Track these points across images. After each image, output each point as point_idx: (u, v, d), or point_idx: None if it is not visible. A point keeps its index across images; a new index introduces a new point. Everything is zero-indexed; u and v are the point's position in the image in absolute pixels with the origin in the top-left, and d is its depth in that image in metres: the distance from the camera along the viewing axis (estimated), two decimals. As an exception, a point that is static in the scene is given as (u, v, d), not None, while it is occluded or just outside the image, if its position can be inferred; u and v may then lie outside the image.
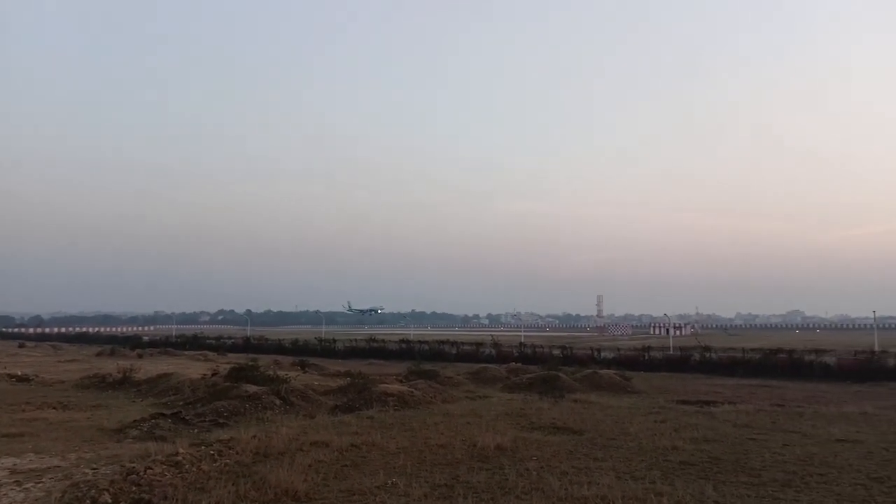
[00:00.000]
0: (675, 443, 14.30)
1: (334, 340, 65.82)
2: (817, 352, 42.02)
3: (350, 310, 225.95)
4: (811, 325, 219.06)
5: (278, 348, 65.21)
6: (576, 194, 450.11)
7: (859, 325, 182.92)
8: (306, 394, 21.92)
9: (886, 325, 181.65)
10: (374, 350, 58.94)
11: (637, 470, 11.78)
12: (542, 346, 53.63)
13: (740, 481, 10.97)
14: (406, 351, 56.04)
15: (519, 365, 39.41)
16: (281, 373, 24.99)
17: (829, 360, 40.18)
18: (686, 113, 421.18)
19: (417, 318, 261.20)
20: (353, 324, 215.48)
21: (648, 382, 33.07)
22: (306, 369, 36.68)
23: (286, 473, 10.65)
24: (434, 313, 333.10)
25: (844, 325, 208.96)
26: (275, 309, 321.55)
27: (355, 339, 66.33)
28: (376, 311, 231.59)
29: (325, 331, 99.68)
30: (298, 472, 11.04)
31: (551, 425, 16.75)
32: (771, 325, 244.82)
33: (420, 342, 61.05)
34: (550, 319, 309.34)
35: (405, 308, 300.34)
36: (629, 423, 17.33)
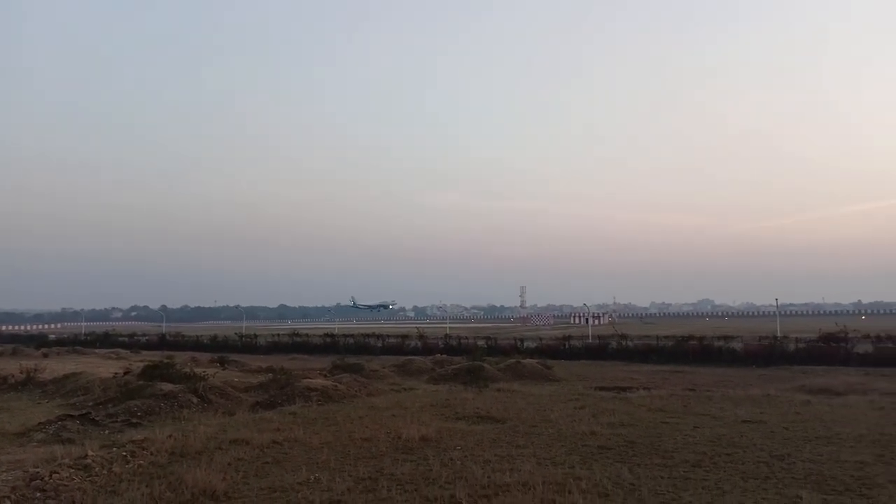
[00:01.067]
0: (594, 428, 14.77)
1: (255, 336, 64.21)
2: (725, 338, 44.28)
3: (356, 305, 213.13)
4: (720, 313, 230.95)
5: (196, 345, 63.06)
6: (499, 187, 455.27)
7: (763, 312, 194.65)
8: (225, 391, 21.30)
9: (787, 312, 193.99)
10: (297, 345, 57.90)
11: (557, 455, 12.08)
12: (467, 338, 54.15)
13: (654, 463, 11.44)
14: (331, 345, 55.33)
15: (444, 356, 39.63)
16: (199, 370, 24.12)
17: (736, 345, 42.44)
18: (609, 107, 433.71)
19: (342, 311, 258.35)
20: (308, 318, 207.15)
21: (569, 370, 33.97)
22: (226, 366, 35.60)
23: (204, 473, 10.31)
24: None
25: (750, 313, 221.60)
26: (192, 304, 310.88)
27: (278, 334, 64.96)
28: (386, 307, 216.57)
29: (245, 326, 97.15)
30: (217, 470, 10.72)
31: (475, 415, 16.95)
32: (683, 313, 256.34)
33: (345, 336, 60.38)
34: (475, 311, 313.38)
35: (329, 302, 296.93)
36: (550, 410, 17.76)
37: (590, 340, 49.24)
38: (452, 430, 14.63)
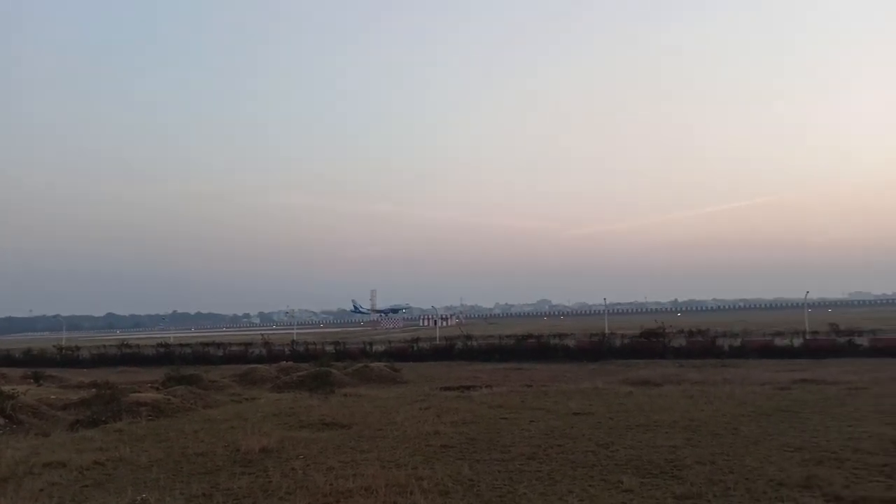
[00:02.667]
0: (438, 428, 15.07)
1: (77, 348, 58.52)
2: (560, 336, 47.15)
3: (358, 310, 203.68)
4: (556, 313, 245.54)
5: (6, 359, 56.30)
6: (348, 188, 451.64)
7: (594, 311, 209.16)
8: (39, 409, 19.27)
9: (615, 311, 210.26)
10: (126, 357, 53.54)
11: (401, 457, 12.18)
12: (315, 343, 53.10)
13: (493, 458, 11.89)
14: (165, 356, 51.75)
15: (290, 363, 38.55)
16: (7, 387, 21.57)
17: (570, 342, 45.33)
18: (453, 112, 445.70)
19: (179, 319, 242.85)
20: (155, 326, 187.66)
21: (417, 372, 34.42)
22: (41, 382, 32.17)
23: (10, 502, 9.22)
24: (199, 314, 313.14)
25: (583, 312, 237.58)
26: (1, 314, 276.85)
27: (104, 346, 59.68)
28: (400, 311, 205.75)
29: (66, 337, 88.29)
30: (27, 499, 9.65)
31: (320, 422, 16.65)
32: (524, 313, 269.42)
33: (181, 345, 56.82)
34: (325, 316, 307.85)
35: (164, 309, 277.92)
36: (396, 412, 17.88)
37: (437, 342, 50.21)
38: (296, 439, 14.26)
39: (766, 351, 40.09)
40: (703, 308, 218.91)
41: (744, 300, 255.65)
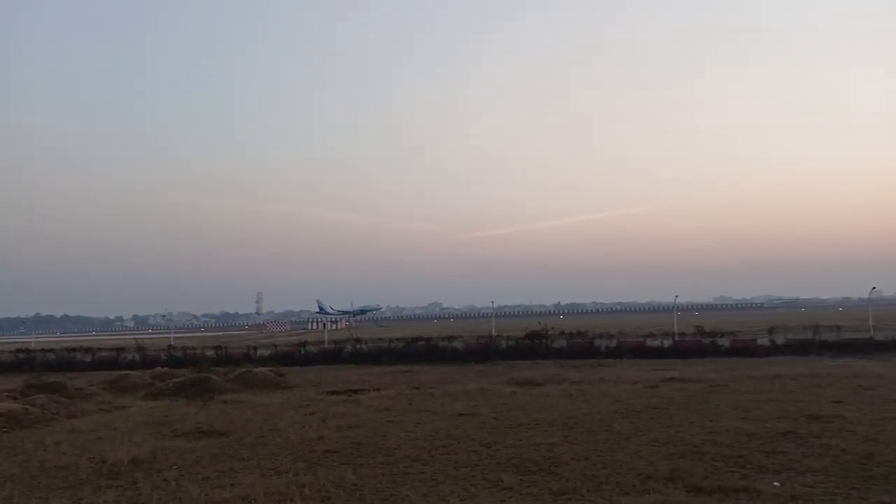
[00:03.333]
0: (322, 433, 14.83)
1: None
2: (449, 338, 47.80)
3: (323, 311, 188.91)
4: (446, 315, 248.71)
5: None
6: (233, 188, 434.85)
7: (483, 313, 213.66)
8: None
9: (502, 313, 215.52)
10: (-22, 363, 48.81)
11: (282, 465, 11.88)
12: (194, 348, 50.70)
13: (377, 462, 11.84)
14: (25, 361, 47.64)
15: (166, 369, 36.59)
16: None
17: (458, 344, 46.06)
18: (350, 118, 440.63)
19: (43, 322, 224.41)
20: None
21: (304, 376, 33.68)
22: None
23: None
24: (66, 317, 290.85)
25: (472, 314, 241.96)
26: None
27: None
28: (370, 312, 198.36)
29: None
30: None
31: (197, 430, 15.92)
32: (415, 315, 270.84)
33: (44, 350, 52.54)
34: (206, 319, 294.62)
35: (26, 312, 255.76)
36: (279, 419, 17.42)
37: (326, 345, 49.43)
38: (169, 449, 13.55)
39: (640, 351, 42.52)
40: (584, 311, 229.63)
41: (620, 303, 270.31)
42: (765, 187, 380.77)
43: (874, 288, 66.15)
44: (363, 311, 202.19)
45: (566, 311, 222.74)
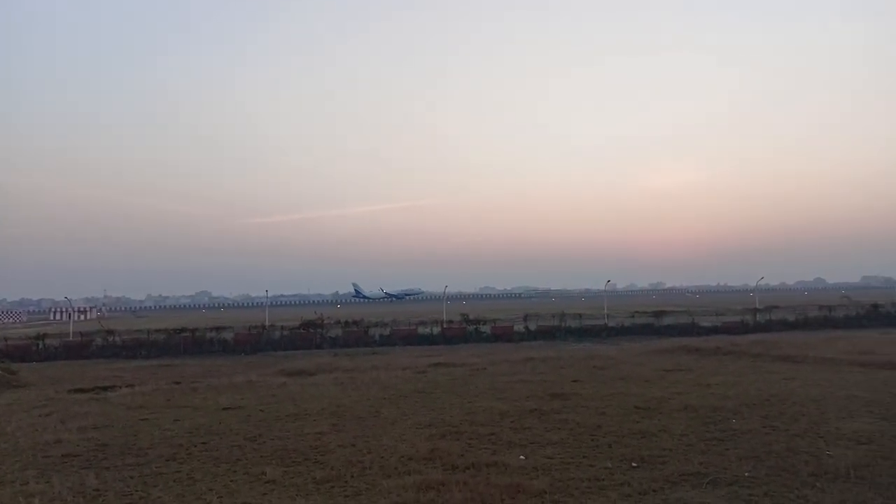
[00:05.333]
0: (60, 436, 13.20)
1: None
2: (218, 329, 45.45)
3: (360, 294, 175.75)
4: (217, 305, 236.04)
5: None
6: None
7: (258, 303, 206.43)
8: None
9: (279, 303, 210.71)
10: None
11: (8, 473, 10.37)
12: None
13: (126, 464, 10.84)
14: None
15: None
16: None
17: (228, 335, 43.99)
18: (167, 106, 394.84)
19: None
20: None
21: (41, 374, 29.74)
22: None
23: None
24: None
25: (246, 304, 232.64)
26: None
27: None
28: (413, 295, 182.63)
29: None
30: None
31: None
32: (181, 305, 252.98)
33: None
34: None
35: None
36: (6, 422, 15.19)
37: (70, 338, 44.12)
38: None
39: (411, 338, 44.27)
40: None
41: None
42: (520, 189, 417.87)
43: (609, 281, 76.80)
44: (406, 295, 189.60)
45: (344, 300, 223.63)
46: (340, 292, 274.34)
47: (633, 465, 10.00)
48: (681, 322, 51.37)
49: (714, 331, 47.21)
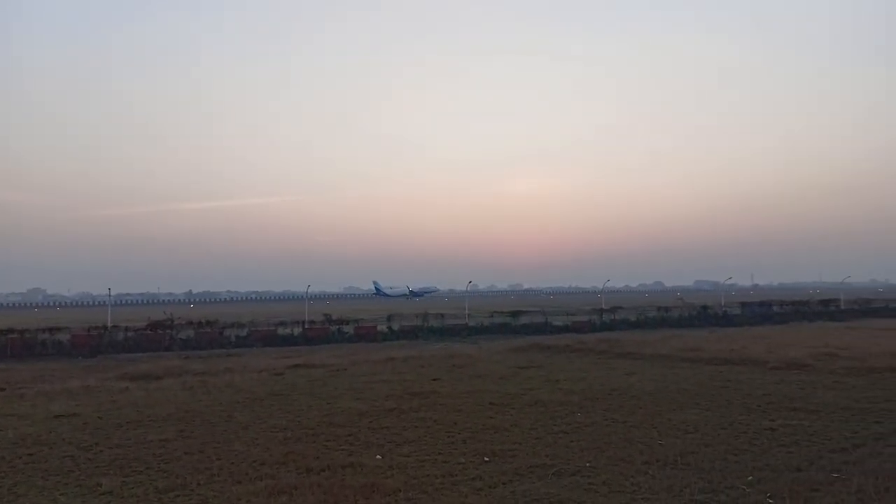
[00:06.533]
0: None
1: None
2: (52, 330, 41.50)
3: (380, 292, 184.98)
4: (52, 303, 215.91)
5: None
6: None
7: (100, 301, 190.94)
8: None
9: (124, 302, 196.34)
10: None
11: None
12: None
13: (-68, 482, 9.61)
14: None
15: None
16: None
17: (64, 337, 40.31)
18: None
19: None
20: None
21: None
22: None
23: None
24: None
25: (86, 303, 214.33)
26: None
27: None
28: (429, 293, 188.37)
29: None
30: None
31: None
32: (10, 303, 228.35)
33: None
34: None
35: None
36: None
37: None
38: None
39: (270, 339, 42.97)
40: (218, 299, 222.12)
41: (255, 292, 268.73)
42: (387, 192, 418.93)
43: (470, 282, 79.39)
44: (425, 292, 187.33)
45: (198, 299, 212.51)
46: (195, 291, 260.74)
47: (486, 459, 10.35)
48: (536, 321, 53.88)
49: (565, 329, 49.95)
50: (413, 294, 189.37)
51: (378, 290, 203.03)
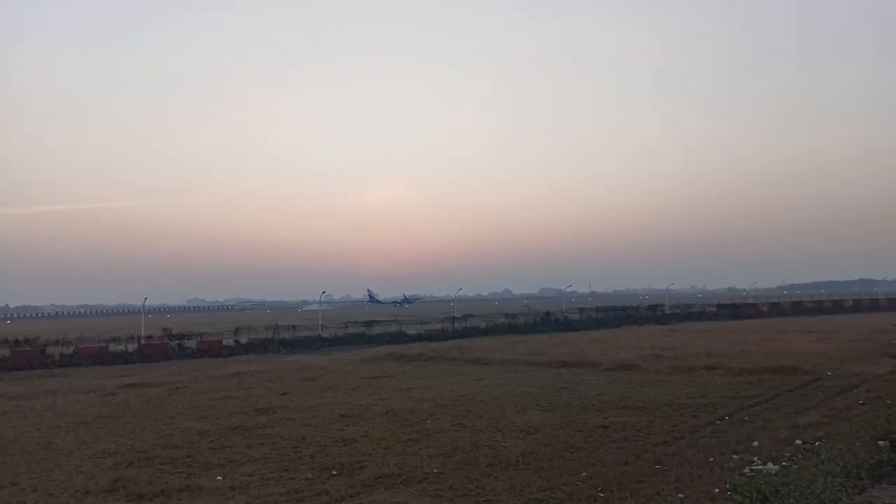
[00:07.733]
0: None
1: None
2: None
3: (374, 299, 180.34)
4: None
5: None
6: None
7: None
8: None
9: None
10: None
11: None
12: None
13: None
14: None
15: None
16: None
17: None
18: None
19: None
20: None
21: None
22: None
23: None
24: None
25: None
26: None
27: None
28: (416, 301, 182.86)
29: None
30: None
31: None
32: None
33: None
34: None
35: None
36: None
37: None
38: None
39: (101, 357, 39.48)
40: (40, 314, 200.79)
41: (85, 305, 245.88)
42: (237, 199, 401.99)
43: (324, 292, 78.00)
44: (416, 299, 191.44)
45: (17, 314, 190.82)
46: (12, 305, 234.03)
47: (334, 473, 10.18)
48: (390, 331, 53.92)
49: (419, 338, 50.46)
50: (407, 301, 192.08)
51: (371, 298, 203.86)
